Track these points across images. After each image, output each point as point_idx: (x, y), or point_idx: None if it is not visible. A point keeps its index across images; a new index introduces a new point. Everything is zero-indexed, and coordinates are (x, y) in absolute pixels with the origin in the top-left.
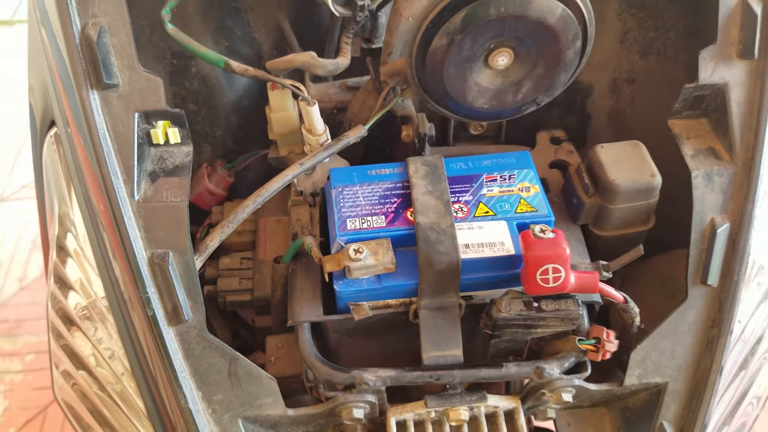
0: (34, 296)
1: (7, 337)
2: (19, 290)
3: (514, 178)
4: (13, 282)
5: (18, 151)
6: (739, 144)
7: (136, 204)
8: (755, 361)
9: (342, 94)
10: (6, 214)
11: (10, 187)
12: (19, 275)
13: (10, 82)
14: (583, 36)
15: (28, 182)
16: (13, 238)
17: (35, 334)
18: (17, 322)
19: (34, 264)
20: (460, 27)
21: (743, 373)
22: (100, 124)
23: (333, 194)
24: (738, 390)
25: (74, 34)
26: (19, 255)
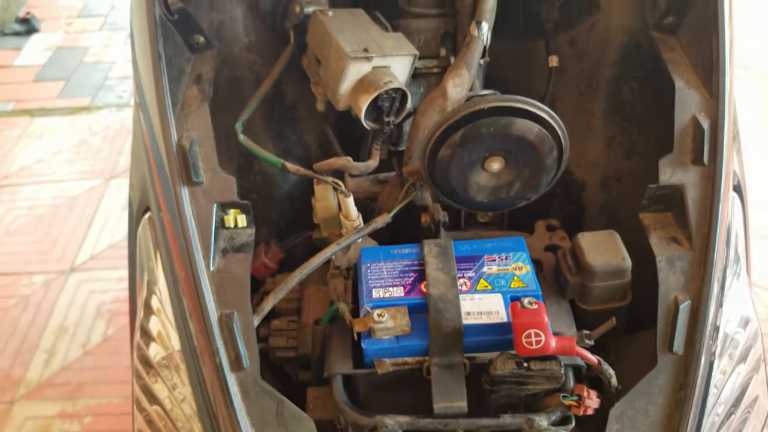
0: (96, 361)
1: (68, 400)
2: (83, 354)
3: (510, 259)
4: (77, 347)
5: (89, 225)
6: (695, 234)
7: (212, 274)
8: (737, 419)
9: (374, 186)
10: (75, 282)
11: (80, 258)
12: (83, 340)
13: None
14: (558, 147)
15: (97, 253)
16: (79, 305)
17: (95, 397)
18: (78, 386)
19: (97, 330)
20: (460, 142)
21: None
22: (188, 212)
23: (363, 269)
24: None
25: (172, 144)
26: (84, 321)
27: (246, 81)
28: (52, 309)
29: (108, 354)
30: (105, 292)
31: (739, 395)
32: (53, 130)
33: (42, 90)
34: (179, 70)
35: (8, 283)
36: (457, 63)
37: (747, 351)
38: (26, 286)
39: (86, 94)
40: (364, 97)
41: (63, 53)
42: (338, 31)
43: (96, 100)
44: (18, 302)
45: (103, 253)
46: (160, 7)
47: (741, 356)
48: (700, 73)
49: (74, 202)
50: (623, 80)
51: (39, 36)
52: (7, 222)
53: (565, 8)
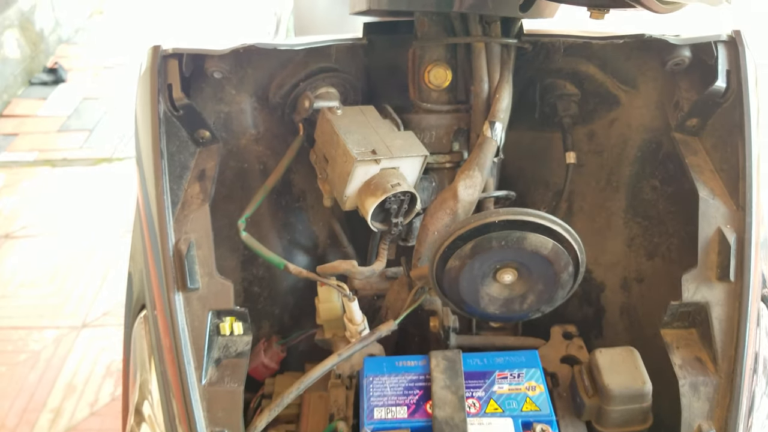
0: (102, 422)
1: None
2: (90, 415)
3: (522, 377)
4: (85, 406)
5: (103, 280)
6: (721, 356)
7: (203, 388)
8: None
9: (382, 283)
10: (87, 339)
11: (93, 313)
12: (90, 400)
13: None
14: (574, 263)
15: (109, 309)
16: (89, 362)
17: None
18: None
19: (105, 390)
20: (470, 253)
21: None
22: (181, 320)
23: (365, 383)
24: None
25: (169, 247)
26: (94, 380)
27: (253, 172)
28: (62, 365)
29: (115, 415)
30: (116, 349)
31: None
32: (74, 180)
33: (65, 140)
34: (182, 166)
35: (20, 337)
36: (468, 164)
37: None
38: (37, 341)
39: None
40: (371, 200)
41: (88, 104)
42: (346, 132)
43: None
44: (28, 358)
45: (116, 309)
46: (165, 103)
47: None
48: (725, 180)
49: (91, 256)
50: (644, 178)
51: (65, 86)
52: (22, 274)
53: (584, 103)
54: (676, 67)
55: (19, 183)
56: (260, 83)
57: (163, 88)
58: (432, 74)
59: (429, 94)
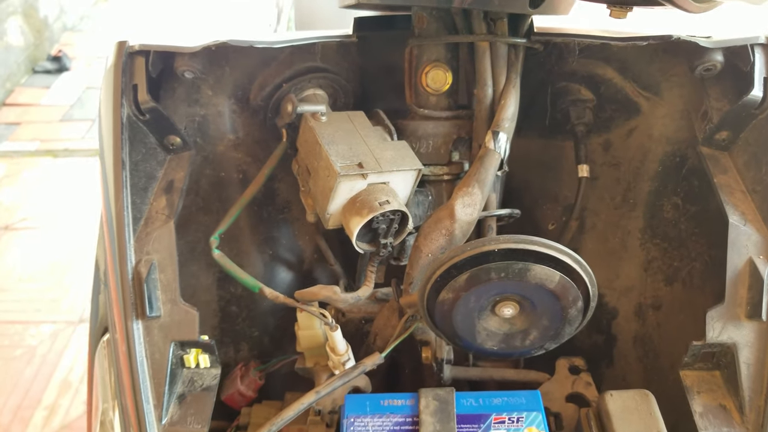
0: None
1: None
2: (84, 413)
3: (522, 421)
4: (80, 404)
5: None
6: (749, 406)
7: (163, 428)
8: None
9: (371, 305)
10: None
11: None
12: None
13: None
14: (584, 297)
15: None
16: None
17: None
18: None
19: None
20: (465, 285)
21: None
22: (140, 352)
23: (345, 424)
24: None
25: (128, 270)
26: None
27: (231, 181)
28: (58, 361)
29: None
30: None
31: None
32: (76, 172)
33: (68, 130)
34: (148, 177)
35: (16, 332)
36: (467, 179)
37: None
38: (33, 336)
39: None
40: (356, 220)
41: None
42: (330, 141)
43: None
44: (24, 353)
45: None
46: (129, 106)
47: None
48: (759, 204)
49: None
50: (665, 196)
51: (69, 74)
52: (21, 267)
53: (600, 110)
54: (707, 72)
55: (20, 173)
56: (240, 84)
57: (127, 89)
58: (430, 76)
59: (427, 98)
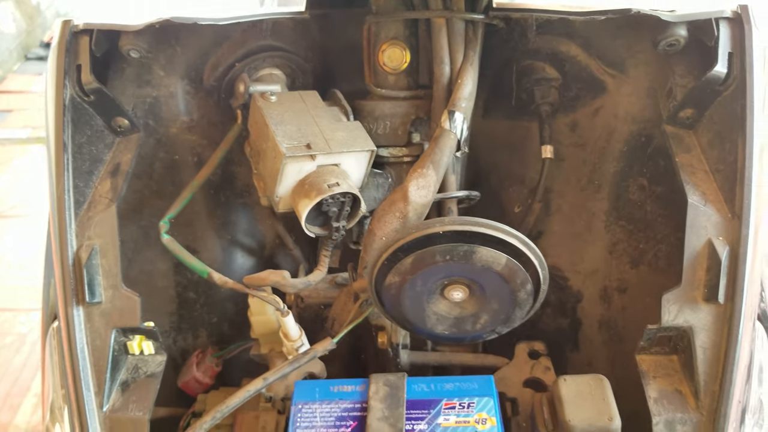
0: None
1: None
2: None
3: (473, 407)
4: None
5: None
6: (704, 391)
7: (104, 415)
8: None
9: (330, 290)
10: None
11: None
12: None
13: None
14: (534, 280)
15: None
16: None
17: None
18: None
19: None
20: (411, 268)
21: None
22: (81, 339)
23: (293, 411)
24: None
25: (69, 256)
26: None
27: (186, 165)
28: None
29: None
30: None
31: None
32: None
33: None
34: (94, 160)
35: (6, 319)
36: (422, 160)
37: None
38: (24, 324)
39: None
40: (305, 202)
41: None
42: (278, 122)
43: None
44: (14, 340)
45: None
46: (72, 88)
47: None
48: (721, 183)
49: None
50: (631, 177)
51: None
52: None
53: (565, 89)
54: (670, 48)
55: (12, 161)
56: (192, 64)
57: (71, 70)
58: (387, 54)
59: (385, 77)
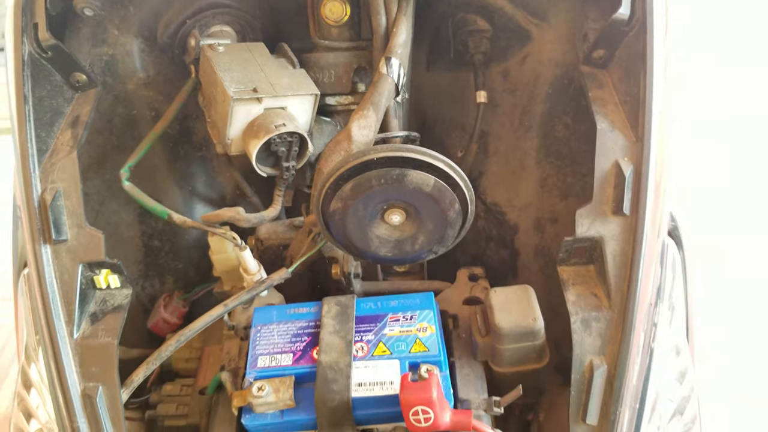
0: None
1: None
2: None
3: (415, 318)
4: None
5: None
6: (614, 292)
7: (74, 342)
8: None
9: (288, 232)
10: None
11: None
12: None
13: None
14: (461, 200)
15: None
16: None
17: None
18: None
19: None
20: (351, 194)
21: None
22: (49, 274)
23: (252, 332)
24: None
25: (34, 198)
26: None
27: (144, 119)
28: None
29: None
30: None
31: None
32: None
33: None
34: (54, 112)
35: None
36: (363, 103)
37: (683, 405)
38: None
39: None
40: (254, 142)
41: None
42: (225, 69)
43: None
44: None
45: None
46: (30, 44)
47: (676, 411)
48: (629, 113)
49: None
50: (556, 116)
51: None
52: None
53: (495, 39)
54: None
55: None
56: (145, 23)
57: (28, 28)
58: (328, 8)
59: (328, 30)
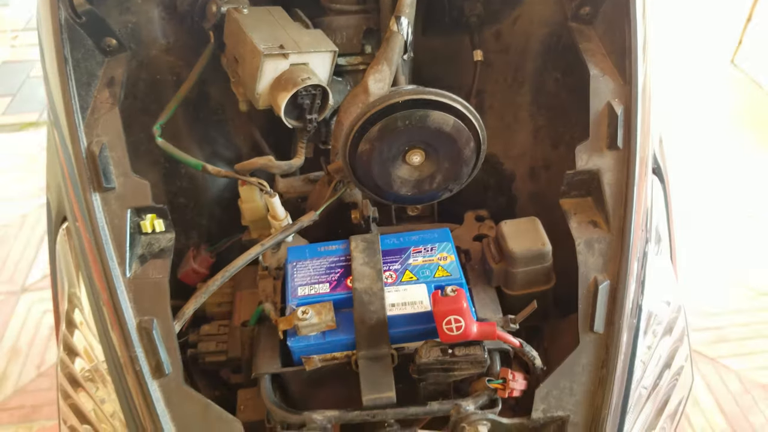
0: (51, 382)
1: (23, 423)
2: (37, 377)
3: (435, 249)
4: (31, 368)
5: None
6: (612, 216)
7: (128, 281)
8: (666, 383)
9: (305, 186)
10: (27, 303)
11: (32, 277)
12: (36, 362)
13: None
14: (475, 139)
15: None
16: (32, 325)
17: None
18: (34, 408)
19: (51, 350)
20: (378, 135)
21: (655, 394)
22: (101, 219)
23: (289, 268)
24: (652, 409)
25: (82, 149)
26: (38, 342)
27: (166, 84)
28: (4, 331)
29: None
30: None
31: (664, 367)
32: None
33: None
34: (90, 74)
35: None
36: (377, 59)
37: (671, 324)
38: None
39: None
40: (282, 95)
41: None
42: (253, 29)
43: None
44: None
45: None
46: (65, 9)
47: (665, 330)
48: (616, 61)
49: (24, 221)
50: (547, 72)
51: None
52: None
53: (488, 3)
54: None
55: None
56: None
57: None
58: None
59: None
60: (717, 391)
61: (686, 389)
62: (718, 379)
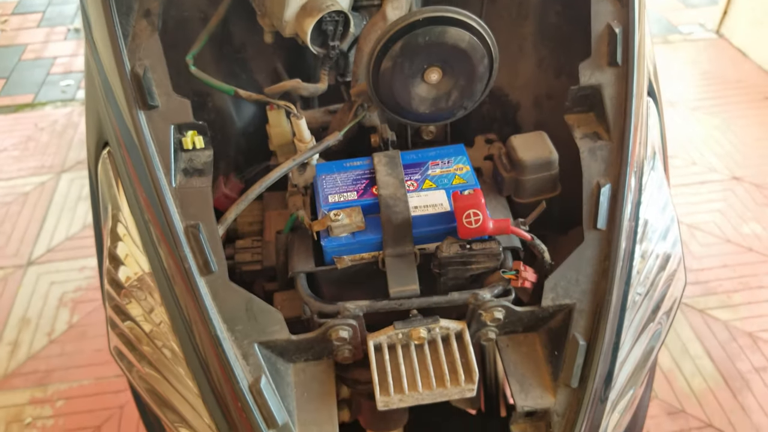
0: (62, 348)
1: (38, 386)
2: (49, 343)
3: (451, 162)
4: (42, 336)
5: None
6: (613, 126)
7: (174, 189)
8: (661, 284)
9: (325, 116)
10: (34, 275)
11: (37, 251)
12: (47, 330)
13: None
14: (488, 55)
15: (54, 245)
16: (40, 297)
17: (65, 382)
18: (47, 373)
19: (61, 319)
20: (400, 52)
21: (651, 293)
22: (147, 135)
23: (318, 181)
24: (649, 306)
25: (126, 72)
26: (47, 312)
27: (194, 21)
28: (12, 303)
29: (75, 340)
30: (66, 282)
31: (659, 269)
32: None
33: None
34: (128, 6)
35: None
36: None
37: (666, 231)
38: None
39: (29, 91)
40: (308, 21)
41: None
42: None
43: (39, 97)
44: None
45: (61, 245)
46: None
47: (660, 236)
48: None
49: (26, 198)
50: (549, 5)
51: None
52: None
53: None
54: None
55: None
56: None
57: None
58: None
59: None
60: (705, 339)
61: (679, 291)
62: (706, 328)
